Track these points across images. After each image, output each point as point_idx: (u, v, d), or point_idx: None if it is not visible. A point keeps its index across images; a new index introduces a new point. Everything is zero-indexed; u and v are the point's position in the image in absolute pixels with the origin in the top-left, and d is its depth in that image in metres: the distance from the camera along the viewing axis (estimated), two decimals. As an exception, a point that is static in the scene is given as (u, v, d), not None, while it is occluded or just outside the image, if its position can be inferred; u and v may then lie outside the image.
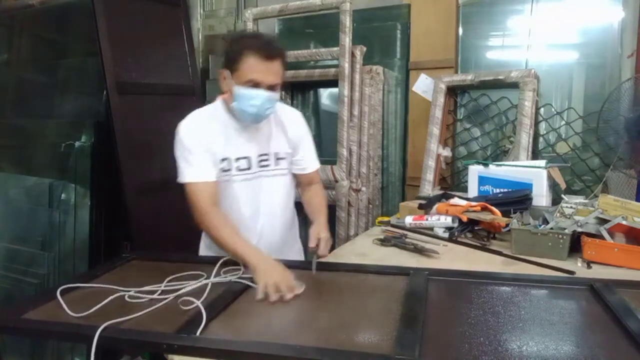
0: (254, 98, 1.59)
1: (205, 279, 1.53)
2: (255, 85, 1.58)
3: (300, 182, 1.91)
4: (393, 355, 1.02)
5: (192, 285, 1.44)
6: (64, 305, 1.31)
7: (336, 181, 2.95)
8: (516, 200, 2.32)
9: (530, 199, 2.35)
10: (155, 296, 1.38)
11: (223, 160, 1.69)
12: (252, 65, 1.56)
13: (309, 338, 1.16)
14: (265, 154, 1.76)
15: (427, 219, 2.32)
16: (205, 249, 1.89)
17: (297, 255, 1.99)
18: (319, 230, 1.67)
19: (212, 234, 1.61)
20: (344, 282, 1.53)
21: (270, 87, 1.60)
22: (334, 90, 3.22)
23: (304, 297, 1.34)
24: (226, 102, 1.72)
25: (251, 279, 1.44)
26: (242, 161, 1.72)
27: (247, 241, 1.57)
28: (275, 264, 1.44)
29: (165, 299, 1.35)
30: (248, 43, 1.58)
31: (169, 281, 1.46)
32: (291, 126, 1.82)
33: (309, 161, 1.88)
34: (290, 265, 1.57)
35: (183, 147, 1.65)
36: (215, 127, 1.69)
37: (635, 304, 1.29)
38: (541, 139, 2.89)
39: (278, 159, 1.79)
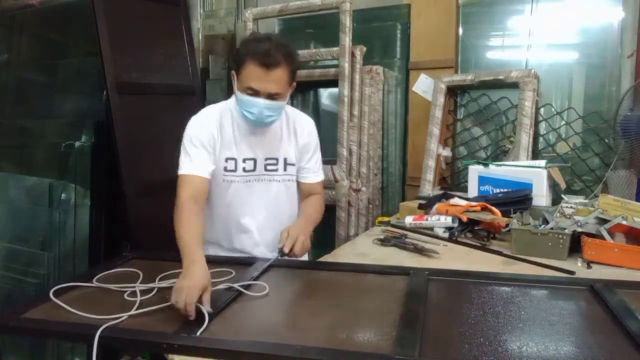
0: (253, 106, 1.58)
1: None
2: (255, 93, 1.56)
3: (301, 190, 1.86)
4: (393, 355, 1.02)
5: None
6: (63, 305, 1.32)
7: (336, 181, 2.95)
8: (516, 200, 2.33)
9: (530, 199, 2.35)
10: (154, 294, 1.38)
11: (229, 159, 1.70)
12: (251, 72, 1.54)
13: (309, 338, 1.16)
14: (274, 158, 1.75)
15: (427, 219, 2.32)
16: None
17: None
18: (289, 228, 1.64)
19: (176, 226, 1.51)
20: (344, 282, 1.53)
21: (271, 96, 1.57)
22: (334, 90, 3.22)
23: (304, 297, 1.34)
24: None
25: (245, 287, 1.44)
26: (249, 162, 1.72)
27: (197, 248, 1.41)
28: (197, 280, 1.26)
29: (165, 297, 1.35)
30: (250, 49, 1.54)
31: (159, 279, 1.48)
32: (302, 134, 1.79)
33: (312, 171, 1.84)
34: (291, 264, 1.58)
35: (188, 139, 1.66)
36: (225, 126, 1.70)
37: (635, 304, 1.29)
38: (541, 139, 2.89)
39: (287, 164, 1.78)
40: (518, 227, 2.02)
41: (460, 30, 3.16)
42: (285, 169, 1.78)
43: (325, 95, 3.56)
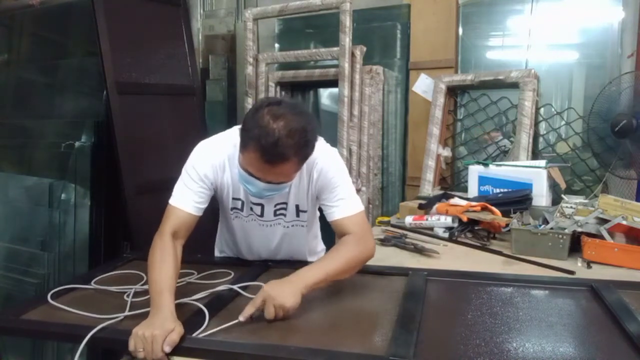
0: (251, 184, 1.40)
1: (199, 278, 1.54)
2: (255, 176, 1.37)
3: (334, 230, 1.59)
4: (387, 356, 1.02)
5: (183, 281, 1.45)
6: (61, 306, 1.32)
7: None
8: (516, 200, 2.33)
9: (530, 199, 2.35)
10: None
11: (235, 199, 1.59)
12: (252, 161, 1.32)
13: (305, 339, 1.16)
14: (284, 203, 1.59)
15: (427, 219, 2.32)
16: (217, 252, 1.87)
17: None
18: (265, 287, 1.29)
19: (149, 260, 1.37)
20: (343, 282, 1.52)
21: (273, 182, 1.39)
22: (334, 90, 3.22)
23: (301, 298, 1.34)
24: None
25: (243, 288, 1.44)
26: (256, 207, 1.59)
27: (165, 294, 1.25)
28: (163, 328, 1.13)
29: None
30: (256, 134, 1.27)
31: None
32: (318, 177, 1.53)
33: (335, 207, 1.53)
34: (290, 265, 1.58)
35: (189, 169, 1.51)
36: (233, 168, 1.51)
37: (635, 305, 1.28)
38: (541, 139, 2.89)
39: (300, 211, 1.61)
40: (518, 227, 2.02)
41: (460, 30, 3.16)
42: (297, 215, 1.62)
43: (325, 95, 3.56)
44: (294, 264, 1.67)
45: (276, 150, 1.26)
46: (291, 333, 1.20)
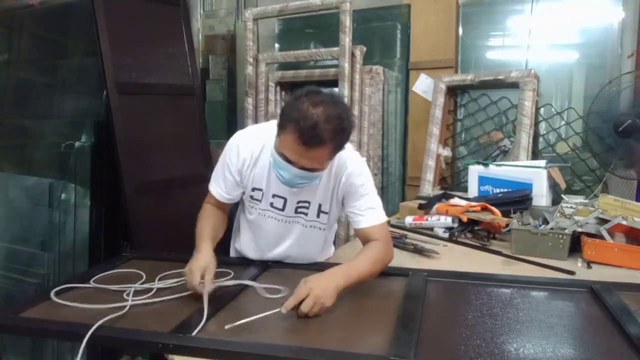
0: (284, 170, 1.44)
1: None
2: (289, 161, 1.41)
3: (358, 237, 1.64)
4: (388, 356, 1.02)
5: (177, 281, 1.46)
6: (62, 302, 1.32)
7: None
8: (516, 200, 2.33)
9: (530, 199, 2.35)
10: (153, 294, 1.38)
11: (256, 189, 1.62)
12: (289, 143, 1.36)
13: (305, 338, 1.16)
14: (307, 202, 1.61)
15: (427, 219, 2.32)
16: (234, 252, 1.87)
17: None
18: (308, 279, 1.32)
19: (198, 221, 1.64)
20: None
21: (306, 168, 1.42)
22: (334, 90, 3.22)
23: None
24: None
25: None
26: (278, 200, 1.62)
27: (204, 239, 1.53)
28: (197, 263, 1.40)
29: (164, 297, 1.35)
30: (295, 117, 1.33)
31: (159, 279, 1.48)
32: (345, 182, 1.57)
33: (362, 215, 1.57)
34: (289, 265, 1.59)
35: (226, 158, 1.62)
36: (264, 157, 1.57)
37: (635, 306, 1.28)
38: (541, 139, 2.89)
39: (321, 211, 1.64)
40: (518, 227, 2.02)
41: (460, 30, 3.16)
42: (317, 216, 1.64)
43: (326, 95, 3.55)
44: (294, 265, 1.67)
45: (314, 133, 1.32)
46: (291, 333, 1.20)
